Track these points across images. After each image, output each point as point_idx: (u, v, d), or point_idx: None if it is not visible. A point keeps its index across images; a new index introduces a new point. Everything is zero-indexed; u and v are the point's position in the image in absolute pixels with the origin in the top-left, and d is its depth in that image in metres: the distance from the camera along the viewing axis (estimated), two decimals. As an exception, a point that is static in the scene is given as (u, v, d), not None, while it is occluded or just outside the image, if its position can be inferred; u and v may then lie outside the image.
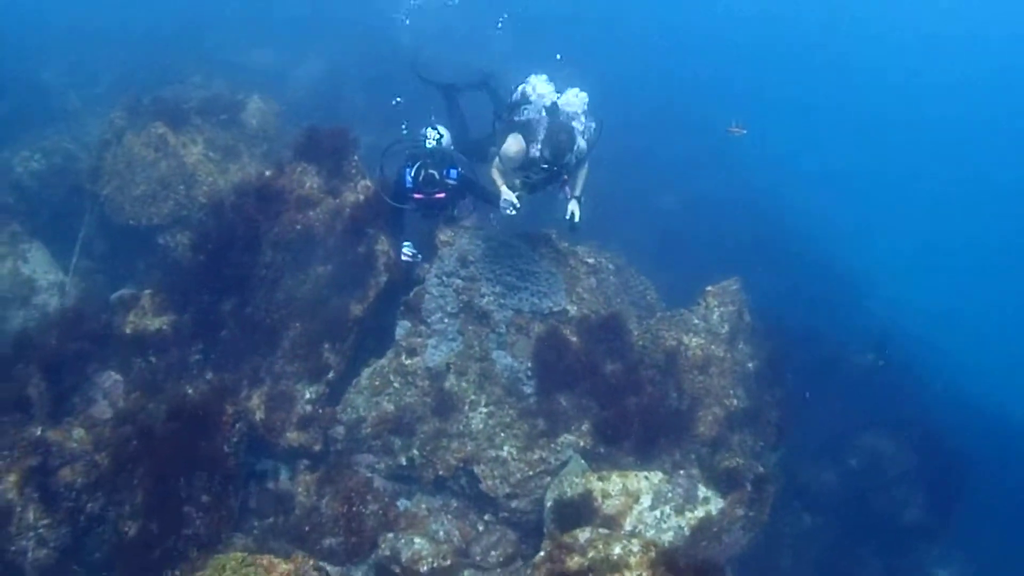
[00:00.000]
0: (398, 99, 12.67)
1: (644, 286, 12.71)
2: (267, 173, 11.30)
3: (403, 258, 10.71)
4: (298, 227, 10.74)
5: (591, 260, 11.23)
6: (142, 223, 11.87)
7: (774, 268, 16.67)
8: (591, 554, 7.57)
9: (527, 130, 9.73)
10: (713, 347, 10.70)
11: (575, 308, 10.55)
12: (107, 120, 12.90)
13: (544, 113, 9.79)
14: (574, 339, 10.25)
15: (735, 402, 10.63)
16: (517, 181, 9.97)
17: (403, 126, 11.47)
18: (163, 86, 14.62)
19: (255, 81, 15.37)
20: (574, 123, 9.71)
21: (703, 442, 10.28)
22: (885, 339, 16.10)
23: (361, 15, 19.30)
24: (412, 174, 10.53)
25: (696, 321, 11.02)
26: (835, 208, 26.65)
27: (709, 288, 11.35)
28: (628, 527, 8.95)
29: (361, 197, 10.94)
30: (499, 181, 9.99)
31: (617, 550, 7.55)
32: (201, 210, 11.57)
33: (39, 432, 8.67)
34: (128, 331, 10.60)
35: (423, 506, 9.86)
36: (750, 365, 11.20)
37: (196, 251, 10.95)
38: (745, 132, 12.63)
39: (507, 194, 9.74)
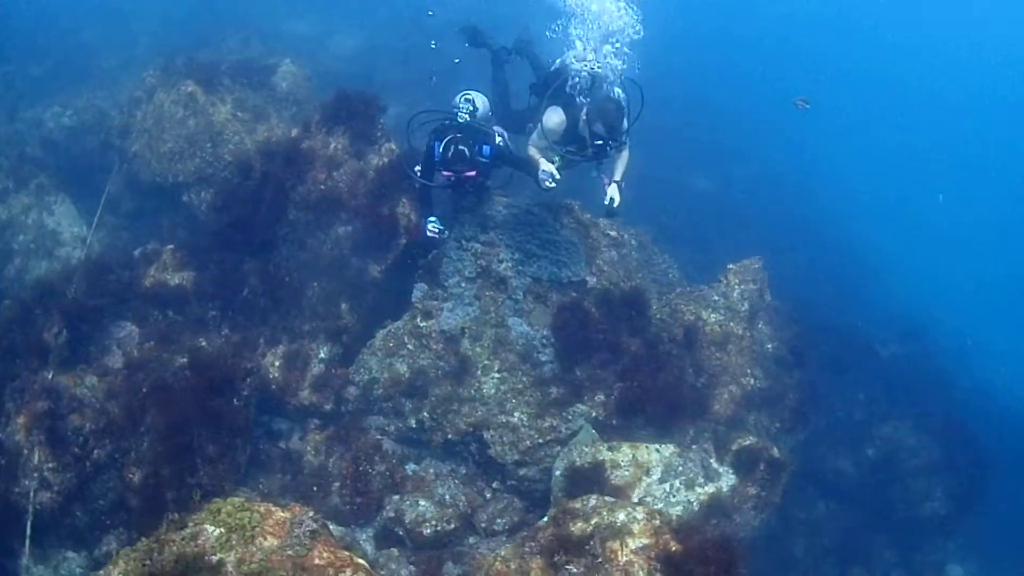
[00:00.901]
0: (433, 78, 12.60)
1: (667, 264, 12.57)
2: (294, 132, 11.36)
3: (428, 234, 10.18)
4: (322, 187, 10.75)
5: (613, 233, 11.09)
6: (168, 180, 11.89)
7: (801, 253, 16.59)
8: (595, 520, 7.50)
9: (569, 102, 9.45)
10: (732, 324, 10.58)
11: (595, 280, 10.43)
12: (139, 79, 12.97)
13: (586, 84, 9.41)
14: (593, 310, 10.14)
15: (752, 381, 10.51)
16: (556, 157, 9.55)
17: (431, 78, 11.41)
18: (199, 49, 14.62)
19: (291, 48, 15.33)
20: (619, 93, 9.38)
21: (718, 420, 10.19)
22: (913, 330, 16.00)
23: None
24: (441, 149, 9.67)
25: (716, 297, 10.89)
26: (866, 194, 26.27)
27: (730, 266, 11.24)
28: (635, 499, 8.85)
29: (385, 160, 10.91)
30: (537, 156, 9.61)
31: (621, 516, 7.48)
32: (226, 169, 11.58)
33: (50, 377, 8.76)
34: (147, 284, 10.69)
35: (431, 471, 9.83)
36: (769, 346, 11.09)
37: (219, 208, 11.07)
38: (808, 106, 13.16)
39: (546, 165, 9.35)
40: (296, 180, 10.81)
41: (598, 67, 9.51)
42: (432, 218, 10.16)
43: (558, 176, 9.27)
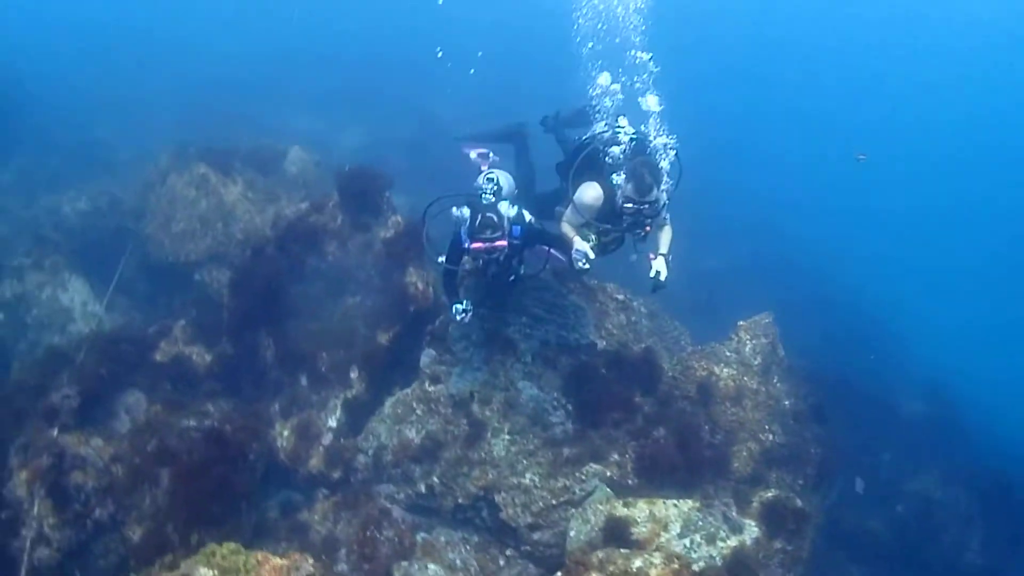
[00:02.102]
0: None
1: (679, 331, 12.43)
2: (303, 206, 11.54)
3: (458, 319, 9.28)
4: (330, 259, 10.91)
5: (620, 296, 11.02)
6: (180, 259, 12.17)
7: (816, 314, 16.41)
8: (610, 568, 7.25)
9: (603, 175, 8.88)
10: (746, 379, 10.41)
11: (604, 343, 10.35)
12: (153, 164, 13.31)
13: (622, 151, 8.88)
14: (604, 371, 10.03)
15: (771, 437, 10.26)
16: (592, 235, 8.96)
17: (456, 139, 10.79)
18: (210, 141, 15.05)
19: (300, 141, 15.75)
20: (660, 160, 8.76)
21: (739, 479, 9.89)
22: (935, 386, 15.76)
23: (403, 87, 19.96)
24: (468, 223, 8.87)
25: (728, 353, 10.76)
26: (881, 254, 26.19)
27: (741, 323, 11.13)
28: (654, 554, 8.58)
29: (391, 233, 11.12)
30: (571, 233, 8.99)
31: (637, 563, 7.26)
32: (237, 247, 11.80)
33: (55, 434, 8.76)
34: (158, 358, 10.79)
35: (442, 539, 9.58)
36: (787, 402, 10.84)
37: (232, 283, 11.21)
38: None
39: (580, 244, 8.71)
40: (306, 253, 10.96)
41: (633, 133, 9.06)
42: (458, 304, 9.28)
43: (592, 256, 8.69)
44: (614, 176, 8.77)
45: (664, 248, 9.07)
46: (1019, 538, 13.48)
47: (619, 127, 9.24)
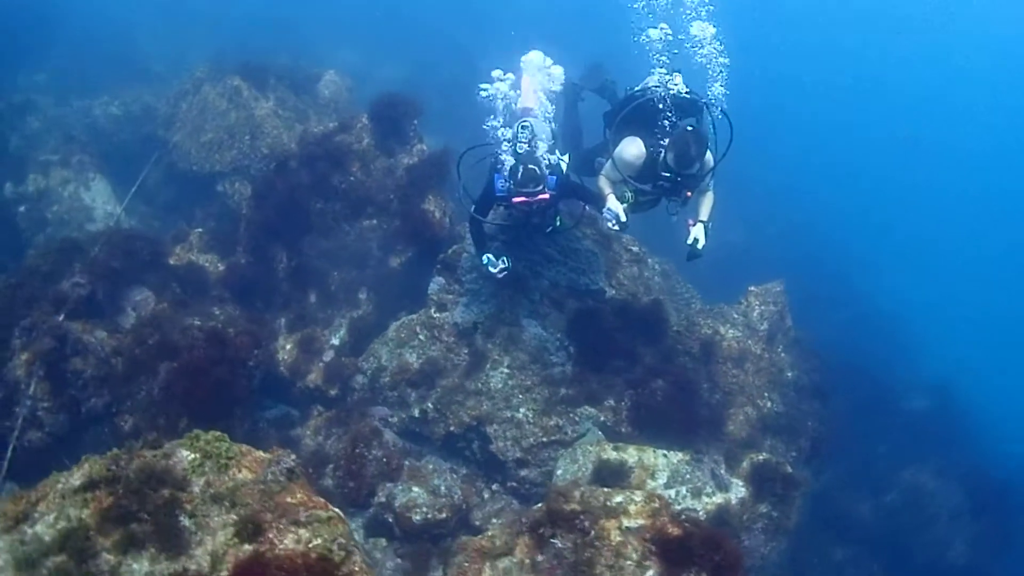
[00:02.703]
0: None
1: (691, 294, 12.35)
2: (332, 126, 11.57)
3: (492, 271, 9.14)
4: (352, 179, 10.92)
5: (635, 248, 11.00)
6: (204, 169, 12.25)
7: (833, 302, 16.30)
8: (592, 502, 7.22)
9: (649, 132, 8.42)
10: (750, 342, 10.38)
11: (613, 291, 10.32)
12: (189, 73, 13.36)
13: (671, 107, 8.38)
14: (610, 318, 10.00)
15: (770, 405, 10.24)
16: (629, 193, 8.64)
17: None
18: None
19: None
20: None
21: (732, 441, 9.86)
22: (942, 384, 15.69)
23: (445, 23, 19.91)
24: (507, 176, 8.57)
25: (735, 316, 10.75)
26: (904, 250, 26.08)
27: (752, 288, 11.07)
28: (638, 500, 8.56)
29: (416, 160, 11.13)
30: (607, 190, 8.69)
31: (618, 499, 7.21)
32: (262, 161, 11.83)
33: (60, 319, 8.82)
34: (171, 261, 10.86)
35: (430, 467, 9.58)
36: (790, 374, 10.80)
37: (253, 195, 11.25)
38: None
39: (613, 204, 8.45)
40: (330, 171, 10.98)
41: (687, 92, 8.54)
42: (491, 257, 9.16)
43: (624, 219, 8.42)
44: (661, 138, 8.33)
45: (704, 215, 8.72)
46: (1006, 541, 13.42)
47: (672, 83, 8.67)
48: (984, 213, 32.61)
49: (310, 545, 5.60)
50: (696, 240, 8.49)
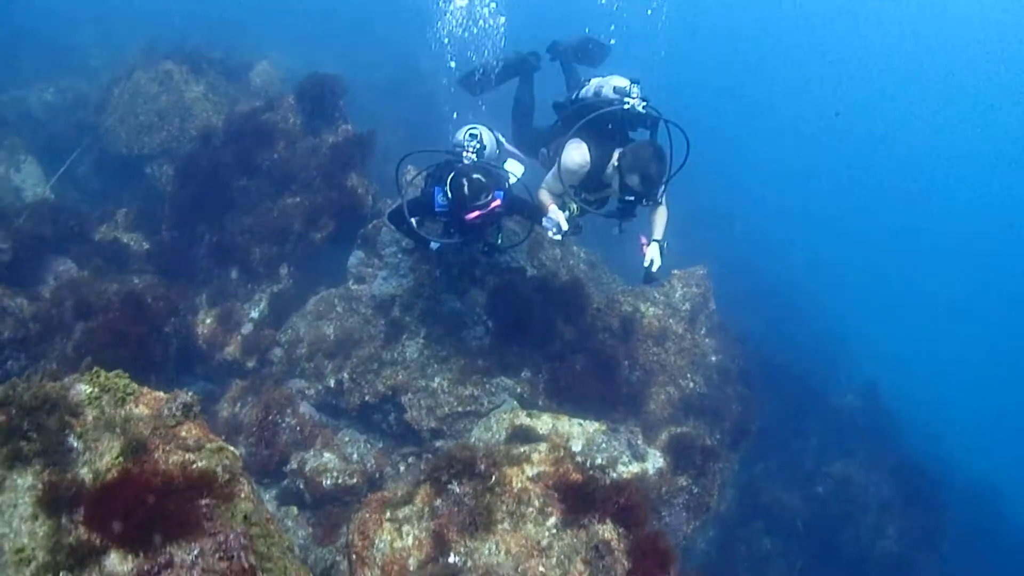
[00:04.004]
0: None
1: (617, 284, 12.30)
2: (258, 104, 11.58)
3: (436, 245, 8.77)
4: (276, 156, 10.89)
5: (557, 236, 10.96)
6: (134, 152, 12.14)
7: (763, 305, 16.35)
8: (495, 453, 7.11)
9: (597, 139, 7.93)
10: (671, 321, 10.35)
11: (534, 271, 10.29)
12: (121, 60, 13.34)
13: (625, 120, 7.94)
14: (529, 295, 9.96)
15: (692, 385, 10.19)
16: (572, 204, 8.14)
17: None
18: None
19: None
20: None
21: (654, 419, 9.80)
22: (869, 390, 15.77)
23: (385, 32, 20.07)
24: (450, 190, 8.01)
25: (656, 295, 10.68)
26: (825, 252, 26.49)
27: (675, 271, 11.00)
28: (548, 468, 8.45)
29: (340, 139, 11.11)
30: (548, 200, 8.22)
31: (523, 448, 7.15)
32: (191, 143, 11.76)
33: (-22, 283, 8.71)
34: (96, 238, 10.75)
35: (345, 438, 9.44)
36: (713, 358, 10.75)
37: (177, 173, 11.19)
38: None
39: (554, 212, 7.95)
40: (254, 148, 10.97)
41: (643, 106, 7.86)
42: (434, 243, 8.81)
43: (565, 227, 7.89)
44: (614, 153, 7.87)
45: (659, 233, 8.19)
46: (935, 532, 13.43)
47: (629, 96, 7.98)
48: (916, 209, 33.42)
49: (194, 465, 5.47)
50: (652, 262, 7.94)
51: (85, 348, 8.45)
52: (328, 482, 8.62)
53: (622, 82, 8.21)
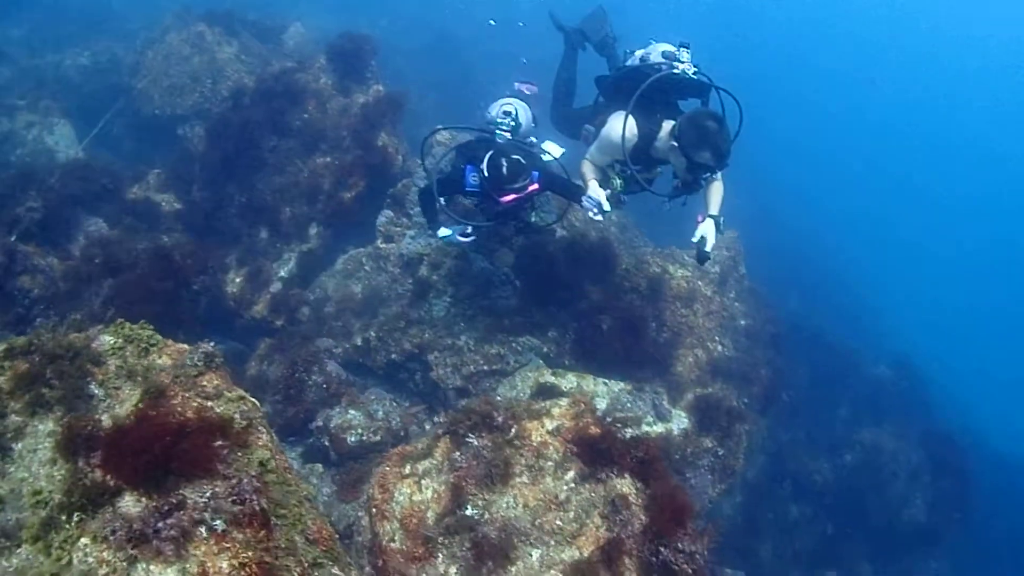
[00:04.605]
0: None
1: (649, 247, 12.20)
2: (289, 64, 11.60)
3: (459, 240, 8.35)
4: (306, 116, 10.91)
5: (593, 195, 10.90)
6: (166, 113, 12.26)
7: (799, 273, 16.21)
8: (515, 407, 7.11)
9: (643, 110, 7.31)
10: (700, 283, 10.27)
11: (564, 231, 10.23)
12: (156, 22, 13.41)
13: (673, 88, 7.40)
14: (558, 255, 9.91)
15: (720, 349, 10.12)
16: (617, 180, 7.67)
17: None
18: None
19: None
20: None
21: (681, 383, 9.74)
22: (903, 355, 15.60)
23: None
24: (487, 169, 7.53)
25: (686, 257, 10.58)
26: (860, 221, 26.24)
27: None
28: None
29: (371, 99, 11.09)
30: (589, 175, 7.64)
31: (545, 404, 7.14)
32: (222, 104, 11.82)
33: (12, 239, 8.80)
34: (128, 198, 10.84)
35: (372, 396, 9.48)
36: (742, 322, 10.71)
37: (209, 132, 11.25)
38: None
39: (595, 190, 7.36)
40: (286, 108, 11.00)
41: (693, 72, 7.34)
42: (444, 229, 8.41)
43: (607, 207, 7.33)
44: (664, 125, 7.25)
45: (715, 208, 7.52)
46: (963, 502, 13.27)
47: (679, 60, 7.43)
48: (950, 191, 32.98)
49: (211, 411, 5.50)
50: (703, 239, 7.24)
51: (113, 304, 8.54)
52: (353, 439, 8.67)
53: (669, 48, 7.63)
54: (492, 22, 10.51)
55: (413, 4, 20.04)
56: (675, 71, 7.25)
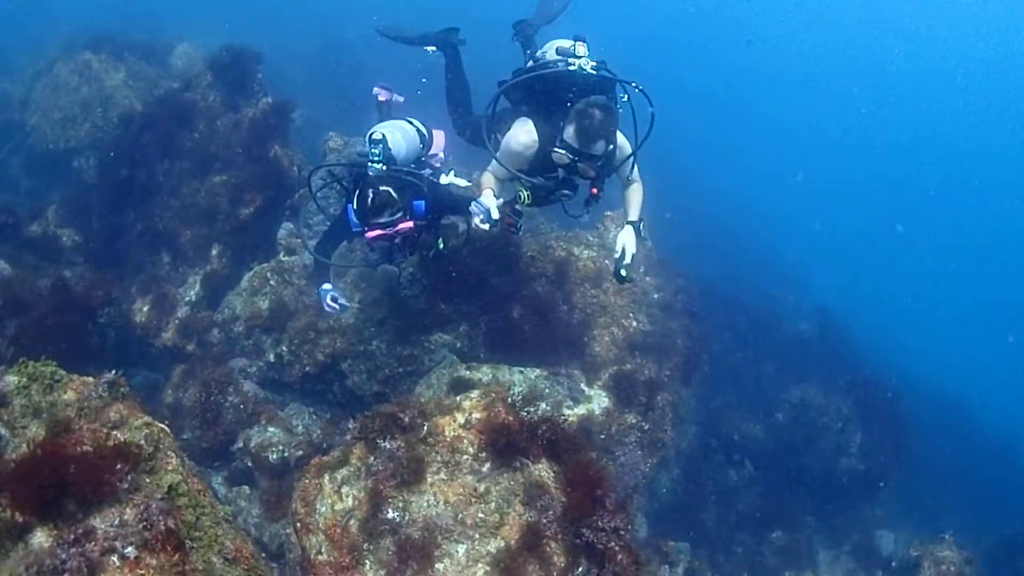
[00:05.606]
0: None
1: (553, 232, 12.11)
2: (175, 85, 11.44)
3: (327, 308, 7.91)
4: (196, 136, 10.79)
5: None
6: (60, 146, 12.08)
7: (705, 238, 16.40)
8: (427, 406, 7.07)
9: (545, 114, 6.91)
10: (607, 262, 10.28)
11: (463, 226, 10.16)
12: (42, 54, 13.18)
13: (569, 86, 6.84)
14: (462, 249, 9.86)
15: (635, 324, 10.15)
16: (523, 192, 7.23)
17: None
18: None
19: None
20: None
21: (600, 363, 9.78)
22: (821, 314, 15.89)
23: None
24: (356, 203, 7.06)
25: (590, 238, 10.61)
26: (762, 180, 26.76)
27: (608, 212, 10.85)
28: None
29: (260, 112, 10.96)
30: (486, 184, 7.21)
31: (456, 398, 7.12)
32: (114, 131, 11.64)
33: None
34: (28, 235, 10.72)
35: (291, 412, 9.42)
36: (655, 295, 10.74)
37: (101, 162, 11.12)
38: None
39: (487, 198, 6.95)
40: (175, 130, 10.89)
41: (592, 67, 6.83)
42: (327, 286, 8.01)
43: (495, 216, 6.91)
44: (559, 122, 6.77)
45: (634, 213, 7.15)
46: (899, 445, 13.50)
47: (575, 56, 6.97)
48: (863, 144, 33.69)
49: (114, 439, 5.42)
50: (623, 252, 6.92)
51: (19, 343, 8.38)
52: (275, 457, 8.65)
53: (565, 43, 7.23)
54: (424, 80, 9.79)
55: (302, 10, 19.94)
56: (571, 67, 6.82)
